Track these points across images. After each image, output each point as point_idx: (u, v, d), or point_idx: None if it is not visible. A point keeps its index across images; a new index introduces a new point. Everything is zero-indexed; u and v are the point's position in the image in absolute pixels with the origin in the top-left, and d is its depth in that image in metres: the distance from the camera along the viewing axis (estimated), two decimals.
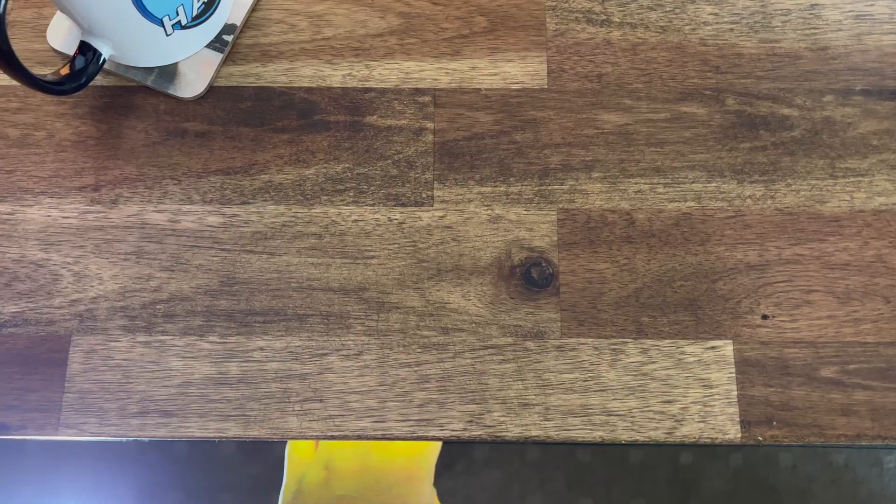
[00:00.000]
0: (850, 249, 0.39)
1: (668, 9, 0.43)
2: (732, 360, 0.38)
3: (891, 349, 0.38)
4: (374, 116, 0.41)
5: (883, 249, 0.39)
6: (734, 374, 0.37)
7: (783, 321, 0.38)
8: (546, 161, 0.41)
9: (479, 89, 0.42)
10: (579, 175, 0.40)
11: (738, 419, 0.37)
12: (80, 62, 0.39)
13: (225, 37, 0.42)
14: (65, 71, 0.39)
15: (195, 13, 0.40)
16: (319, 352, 0.38)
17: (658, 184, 0.40)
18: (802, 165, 0.40)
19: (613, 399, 0.37)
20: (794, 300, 0.38)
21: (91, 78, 0.39)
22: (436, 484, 0.66)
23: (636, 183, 0.40)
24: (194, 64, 0.42)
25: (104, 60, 0.39)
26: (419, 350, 0.38)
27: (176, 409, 0.37)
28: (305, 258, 0.39)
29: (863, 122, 0.41)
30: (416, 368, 0.38)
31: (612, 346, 0.38)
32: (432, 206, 0.40)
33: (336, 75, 0.42)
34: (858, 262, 0.39)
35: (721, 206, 0.40)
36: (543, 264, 0.39)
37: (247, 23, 0.43)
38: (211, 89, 0.42)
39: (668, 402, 0.37)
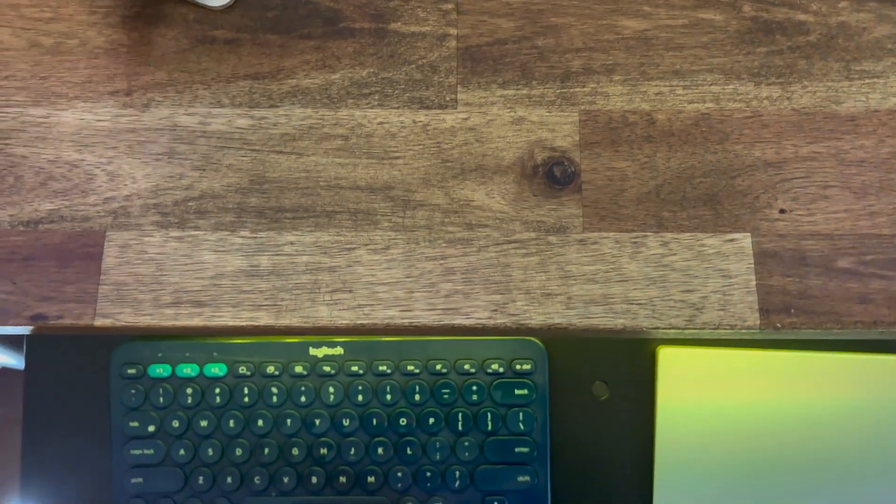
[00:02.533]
0: (865, 147, 0.40)
1: None
2: (751, 252, 0.39)
3: None
4: (399, 23, 0.42)
5: None
6: (753, 265, 0.38)
7: (800, 215, 0.39)
8: (567, 65, 0.41)
9: None
10: (600, 78, 0.41)
11: (757, 307, 0.38)
12: None
13: None
14: None
15: None
16: (348, 246, 0.39)
17: (677, 86, 0.41)
18: (818, 68, 0.41)
19: (634, 289, 0.38)
20: (811, 195, 0.39)
21: None
22: None
23: (656, 85, 0.41)
24: None
25: None
26: (444, 245, 0.39)
27: (209, 299, 0.38)
28: (333, 158, 0.40)
29: (877, 27, 0.42)
30: (441, 262, 0.39)
31: (634, 240, 0.39)
32: (456, 108, 0.41)
33: None
34: (874, 159, 0.40)
35: (739, 107, 0.41)
36: (566, 163, 0.40)
37: None
38: None
39: (688, 291, 0.38)
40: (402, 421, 0.53)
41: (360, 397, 0.54)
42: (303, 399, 0.54)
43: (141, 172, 0.40)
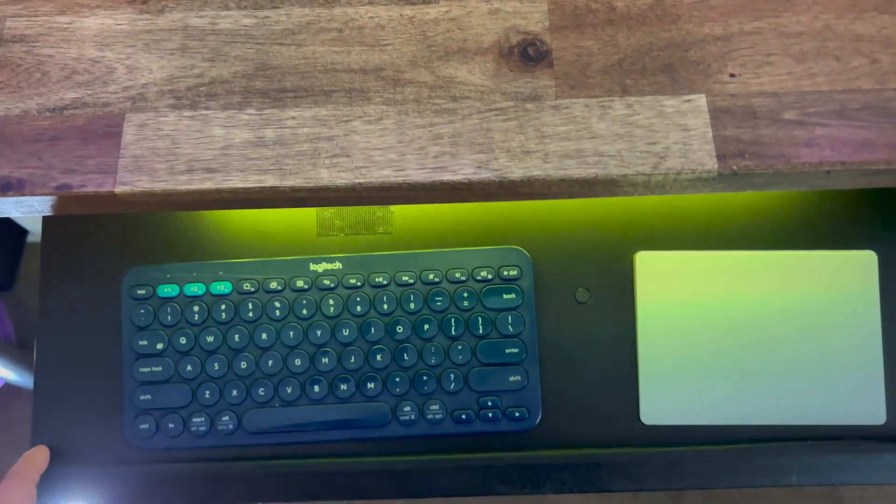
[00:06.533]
0: (802, 22, 0.45)
1: None
2: (706, 109, 0.43)
3: (843, 95, 0.43)
4: None
5: (831, 21, 0.45)
6: (709, 120, 0.43)
7: (749, 78, 0.44)
8: None
9: None
10: None
11: (715, 154, 0.42)
12: None
13: None
14: None
15: None
16: (344, 119, 0.43)
17: None
18: None
19: (604, 144, 0.42)
20: (757, 61, 0.44)
21: None
22: None
23: None
24: None
25: None
26: (432, 114, 0.43)
27: (219, 166, 0.42)
28: (329, 47, 0.45)
29: None
30: (430, 129, 0.43)
31: (601, 104, 0.43)
32: (438, 4, 0.46)
33: None
34: (810, 31, 0.45)
35: None
36: (538, 44, 0.45)
37: None
38: None
39: (652, 143, 0.42)
40: (399, 328, 0.57)
41: (358, 308, 0.57)
42: (304, 312, 0.57)
43: (156, 65, 0.45)
